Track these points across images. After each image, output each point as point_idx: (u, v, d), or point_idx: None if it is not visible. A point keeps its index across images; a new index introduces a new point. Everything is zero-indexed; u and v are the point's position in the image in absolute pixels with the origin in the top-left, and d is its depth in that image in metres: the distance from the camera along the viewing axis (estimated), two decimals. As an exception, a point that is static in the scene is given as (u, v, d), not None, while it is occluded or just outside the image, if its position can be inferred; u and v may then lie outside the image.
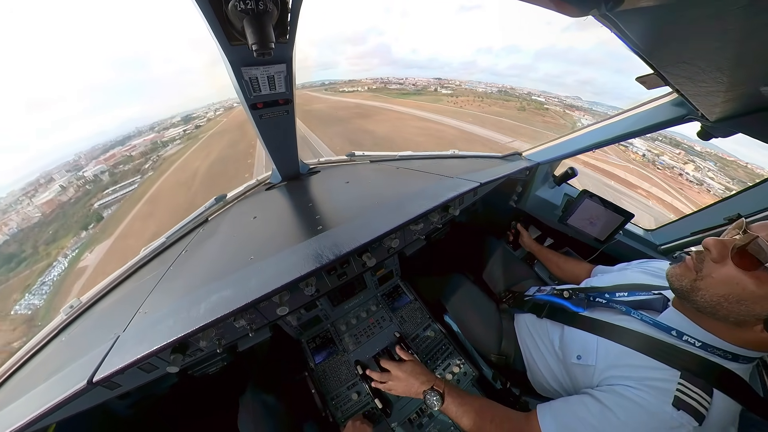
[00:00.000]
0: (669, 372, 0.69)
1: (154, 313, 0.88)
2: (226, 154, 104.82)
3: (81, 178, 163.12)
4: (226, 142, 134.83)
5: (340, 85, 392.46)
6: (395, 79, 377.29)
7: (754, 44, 0.45)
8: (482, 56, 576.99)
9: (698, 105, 0.83)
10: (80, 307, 1.15)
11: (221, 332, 0.98)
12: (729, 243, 0.63)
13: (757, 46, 0.45)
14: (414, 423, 1.16)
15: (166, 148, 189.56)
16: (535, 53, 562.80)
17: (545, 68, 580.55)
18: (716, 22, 0.43)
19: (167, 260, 1.26)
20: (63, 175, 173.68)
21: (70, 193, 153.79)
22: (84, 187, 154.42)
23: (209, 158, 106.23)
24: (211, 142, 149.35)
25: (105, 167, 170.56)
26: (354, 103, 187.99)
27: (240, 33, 0.69)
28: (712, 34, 0.46)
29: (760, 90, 0.49)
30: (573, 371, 0.90)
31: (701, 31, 0.47)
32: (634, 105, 1.25)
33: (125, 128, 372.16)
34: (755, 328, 0.61)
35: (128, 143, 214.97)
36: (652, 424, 0.63)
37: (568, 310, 1.03)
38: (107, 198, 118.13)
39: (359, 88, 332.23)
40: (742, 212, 1.12)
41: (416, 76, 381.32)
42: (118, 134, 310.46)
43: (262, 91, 0.98)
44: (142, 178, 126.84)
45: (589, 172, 77.18)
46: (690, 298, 0.70)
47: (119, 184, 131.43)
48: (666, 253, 1.51)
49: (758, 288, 0.58)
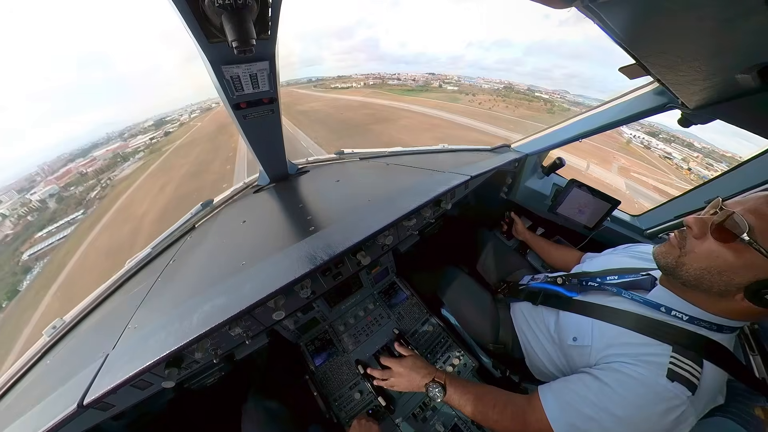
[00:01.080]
0: (661, 347, 0.72)
1: (145, 328, 0.85)
2: (186, 191, 69.01)
3: (26, 203, 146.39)
4: (192, 161, 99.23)
5: (330, 82, 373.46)
6: (388, 74, 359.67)
7: (727, 34, 0.47)
8: (472, 50, 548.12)
9: (678, 93, 0.86)
10: (64, 327, 1.09)
11: (217, 342, 0.95)
12: (708, 220, 0.68)
13: (730, 35, 0.47)
14: (418, 417, 1.17)
15: (125, 163, 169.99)
16: (526, 47, 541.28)
17: (534, 62, 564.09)
18: (692, 13, 0.45)
19: (155, 271, 1.21)
20: (12, 196, 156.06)
21: (7, 227, 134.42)
22: (25, 219, 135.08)
23: (165, 192, 76.47)
24: (170, 164, 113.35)
25: (56, 188, 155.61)
26: (358, 102, 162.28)
27: (219, 30, 0.66)
28: (688, 25, 0.48)
29: (735, 78, 0.51)
30: (570, 353, 0.93)
31: (678, 22, 0.49)
32: (617, 95, 1.28)
33: (97, 134, 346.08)
34: (736, 297, 0.65)
35: (90, 155, 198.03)
36: (648, 396, 0.67)
37: (562, 296, 1.05)
38: (38, 247, 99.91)
39: (353, 84, 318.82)
40: (722, 195, 1.18)
41: (406, 71, 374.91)
42: (87, 141, 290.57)
43: (245, 90, 0.95)
44: (85, 214, 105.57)
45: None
46: (676, 274, 0.73)
47: (56, 223, 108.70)
48: (652, 236, 1.57)
49: (736, 259, 0.62)
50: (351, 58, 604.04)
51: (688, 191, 1.45)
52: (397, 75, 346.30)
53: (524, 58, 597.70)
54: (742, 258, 0.61)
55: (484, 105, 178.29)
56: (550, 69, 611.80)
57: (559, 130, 1.55)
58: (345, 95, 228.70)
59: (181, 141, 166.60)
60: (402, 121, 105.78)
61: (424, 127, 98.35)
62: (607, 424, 0.68)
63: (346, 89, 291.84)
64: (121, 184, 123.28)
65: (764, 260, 0.58)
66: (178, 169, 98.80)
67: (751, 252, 0.60)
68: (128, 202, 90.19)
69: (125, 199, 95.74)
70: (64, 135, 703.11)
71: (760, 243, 0.59)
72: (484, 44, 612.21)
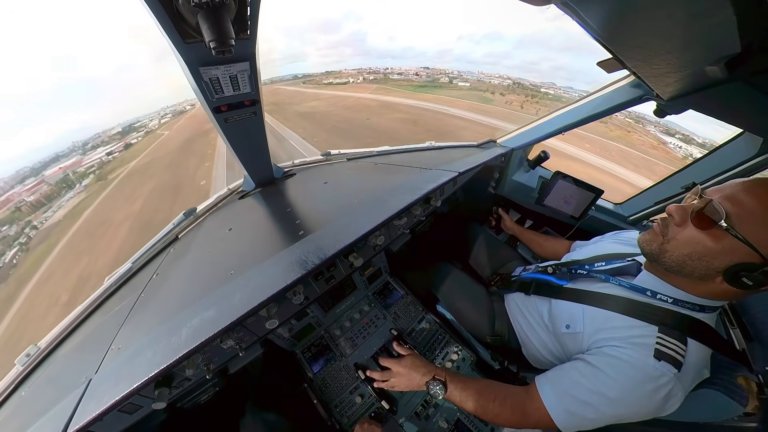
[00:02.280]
0: (648, 328, 0.75)
1: (129, 348, 0.80)
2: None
3: None
4: (141, 205, 62.57)
5: (320, 77, 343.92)
6: (383, 68, 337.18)
7: (696, 28, 0.49)
8: (462, 44, 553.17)
9: (653, 85, 0.90)
10: (39, 355, 1.01)
11: (208, 356, 0.91)
12: (688, 207, 0.70)
13: (698, 29, 0.49)
14: (421, 415, 1.16)
15: (66, 194, 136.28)
16: (517, 40, 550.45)
17: (523, 55, 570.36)
18: (662, 10, 0.46)
19: (137, 287, 1.15)
20: None
21: None
22: None
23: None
24: (109, 208, 75.04)
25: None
26: (375, 101, 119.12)
27: (195, 29, 0.63)
28: (659, 20, 0.50)
29: (704, 69, 0.53)
30: (564, 340, 0.95)
31: (650, 18, 0.51)
32: (597, 89, 1.33)
33: (64, 142, 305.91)
34: (716, 280, 0.68)
35: (42, 174, 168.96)
36: (638, 377, 0.69)
37: (554, 285, 1.08)
38: None
39: (350, 80, 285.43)
40: (697, 180, 1.25)
41: (398, 65, 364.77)
42: (52, 152, 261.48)
43: (225, 92, 0.92)
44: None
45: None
46: (659, 260, 0.76)
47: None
48: (634, 222, 1.64)
49: (715, 244, 0.65)
50: (336, 53, 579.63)
51: (665, 178, 1.52)
52: (391, 69, 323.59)
53: (513, 51, 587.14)
54: (721, 243, 0.64)
55: (513, 105, 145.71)
56: (537, 62, 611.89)
57: (543, 123, 1.59)
58: (347, 92, 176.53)
59: (133, 165, 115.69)
60: (463, 134, 71.99)
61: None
62: (602, 407, 0.71)
63: (344, 85, 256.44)
64: (38, 247, 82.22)
65: (741, 245, 0.61)
66: (117, 223, 59.57)
67: (728, 237, 0.63)
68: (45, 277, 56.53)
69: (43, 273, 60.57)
70: (33, 143, 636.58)
71: (737, 228, 0.61)
72: (475, 37, 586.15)
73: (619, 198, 1.77)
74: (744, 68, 0.50)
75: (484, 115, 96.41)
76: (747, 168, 1.19)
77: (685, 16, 0.46)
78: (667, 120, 1.18)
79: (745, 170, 1.19)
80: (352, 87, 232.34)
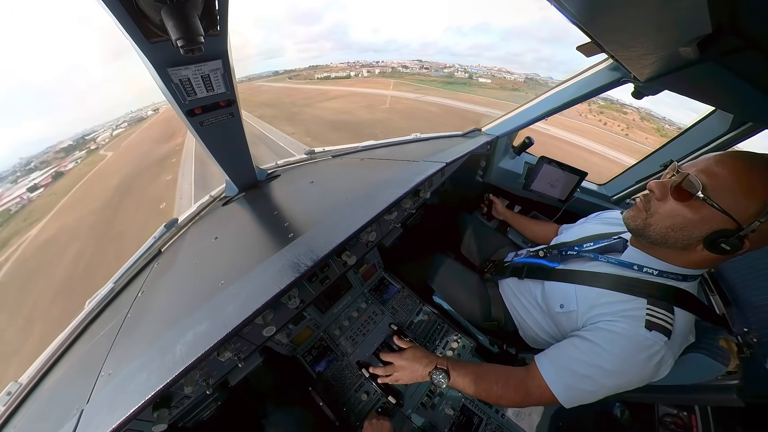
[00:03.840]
0: (638, 301, 0.79)
1: (121, 372, 0.76)
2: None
3: None
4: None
5: (307, 72, 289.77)
6: (375, 63, 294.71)
7: (668, 11, 0.50)
8: (449, 35, 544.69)
9: (630, 68, 0.92)
10: (22, 391, 0.94)
11: (207, 371, 0.87)
12: (667, 183, 0.74)
13: (671, 12, 0.50)
14: (427, 405, 1.18)
15: None
16: (505, 31, 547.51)
17: (507, 47, 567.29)
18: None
19: (122, 307, 1.09)
20: None
21: None
22: None
23: None
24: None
25: None
26: (410, 100, 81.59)
27: (159, 27, 0.58)
28: (635, 3, 0.51)
29: (678, 51, 0.55)
30: (558, 320, 0.98)
31: (626, 1, 0.51)
32: (576, 73, 1.35)
33: (12, 159, 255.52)
34: (697, 248, 0.72)
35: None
36: (631, 347, 0.73)
37: (545, 267, 1.10)
38: None
39: (351, 73, 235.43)
40: (674, 158, 1.31)
41: (391, 58, 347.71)
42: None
43: (198, 94, 0.86)
44: None
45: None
46: (644, 234, 0.80)
47: None
48: (618, 201, 1.71)
49: (694, 215, 0.69)
50: (316, 48, 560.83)
51: (644, 158, 1.59)
52: (391, 62, 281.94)
53: (500, 43, 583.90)
54: (699, 213, 0.68)
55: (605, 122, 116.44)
56: (522, 53, 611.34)
57: (526, 110, 1.61)
58: (358, 87, 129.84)
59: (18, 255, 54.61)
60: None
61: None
62: (600, 379, 0.75)
63: (344, 79, 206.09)
64: None
65: (717, 213, 0.65)
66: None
67: (705, 207, 0.67)
68: None
69: None
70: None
71: (713, 198, 0.65)
72: (463, 29, 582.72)
73: (603, 179, 1.83)
74: (715, 48, 0.52)
75: (581, 136, 68.66)
76: (719, 144, 1.26)
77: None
78: (649, 109, 1.22)
79: (718, 146, 1.26)
80: (362, 82, 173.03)
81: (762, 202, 0.62)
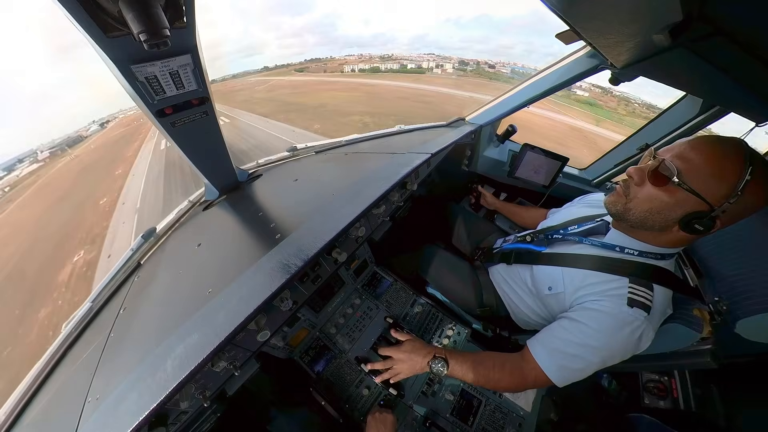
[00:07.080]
0: (620, 280, 0.83)
1: (110, 395, 0.71)
2: None
3: None
4: None
5: (312, 66, 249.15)
6: (378, 56, 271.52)
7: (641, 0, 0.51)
8: (440, 28, 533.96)
9: (607, 55, 0.94)
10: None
11: (202, 384, 0.84)
12: (645, 168, 0.77)
13: (644, 1, 0.52)
14: (428, 393, 1.21)
15: None
16: (503, 24, 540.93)
17: (500, 39, 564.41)
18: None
19: (104, 327, 1.02)
20: None
21: None
22: None
23: None
24: None
25: None
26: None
27: (118, 20, 0.52)
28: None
29: (652, 37, 0.56)
30: (548, 302, 1.02)
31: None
32: (555, 61, 1.37)
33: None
34: (673, 229, 0.76)
35: None
36: (616, 324, 0.78)
37: (533, 252, 1.14)
38: None
39: (360, 66, 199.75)
40: (649, 141, 1.38)
41: (389, 51, 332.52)
42: None
43: (167, 92, 0.80)
44: None
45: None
46: (624, 218, 0.83)
47: None
48: (599, 185, 1.78)
49: (670, 198, 0.73)
50: (299, 43, 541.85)
51: (621, 142, 1.66)
52: (391, 55, 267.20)
53: (493, 36, 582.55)
54: (675, 197, 0.72)
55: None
56: (512, 45, 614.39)
57: (508, 98, 1.62)
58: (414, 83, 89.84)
59: None
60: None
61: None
62: (588, 356, 0.79)
63: (384, 73, 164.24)
64: None
65: (691, 196, 0.69)
66: None
67: (680, 191, 0.70)
68: None
69: None
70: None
71: (687, 182, 0.69)
72: (461, 21, 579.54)
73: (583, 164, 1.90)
74: (686, 35, 0.54)
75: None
76: (691, 126, 1.32)
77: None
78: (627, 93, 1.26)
79: (690, 128, 1.33)
80: (426, 78, 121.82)
81: (731, 184, 0.65)
